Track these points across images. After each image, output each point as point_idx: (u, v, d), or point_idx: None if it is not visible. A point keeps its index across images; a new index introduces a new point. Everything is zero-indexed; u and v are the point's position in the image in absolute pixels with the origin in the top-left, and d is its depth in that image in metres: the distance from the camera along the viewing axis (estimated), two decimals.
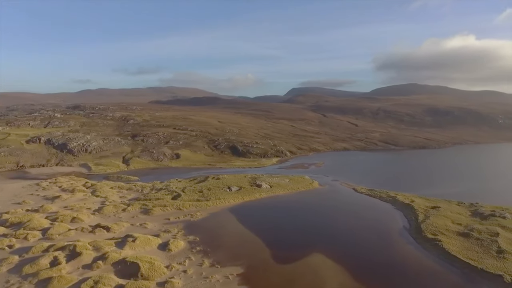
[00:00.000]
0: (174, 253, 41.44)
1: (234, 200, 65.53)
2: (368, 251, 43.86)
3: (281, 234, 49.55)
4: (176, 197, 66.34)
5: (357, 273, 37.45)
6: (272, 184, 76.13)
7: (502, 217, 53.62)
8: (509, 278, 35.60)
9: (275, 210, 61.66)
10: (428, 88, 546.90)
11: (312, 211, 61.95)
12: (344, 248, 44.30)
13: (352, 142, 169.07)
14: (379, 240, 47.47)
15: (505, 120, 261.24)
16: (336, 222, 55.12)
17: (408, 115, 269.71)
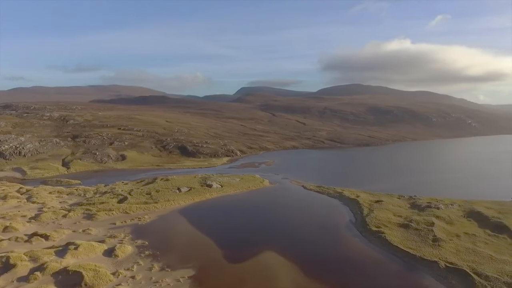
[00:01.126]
0: (121, 259, 39.51)
1: (184, 201, 64.13)
2: (317, 246, 45.14)
3: (233, 233, 49.37)
4: (122, 200, 63.42)
5: (308, 268, 38.32)
6: (223, 184, 75.66)
7: (437, 208, 58.00)
8: (443, 264, 38.50)
9: (226, 210, 61.32)
10: (371, 88, 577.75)
11: (263, 209, 62.47)
12: (295, 245, 45.17)
13: (300, 141, 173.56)
14: (327, 235, 49.08)
15: (438, 119, 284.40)
16: (286, 219, 56.03)
17: (352, 114, 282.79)
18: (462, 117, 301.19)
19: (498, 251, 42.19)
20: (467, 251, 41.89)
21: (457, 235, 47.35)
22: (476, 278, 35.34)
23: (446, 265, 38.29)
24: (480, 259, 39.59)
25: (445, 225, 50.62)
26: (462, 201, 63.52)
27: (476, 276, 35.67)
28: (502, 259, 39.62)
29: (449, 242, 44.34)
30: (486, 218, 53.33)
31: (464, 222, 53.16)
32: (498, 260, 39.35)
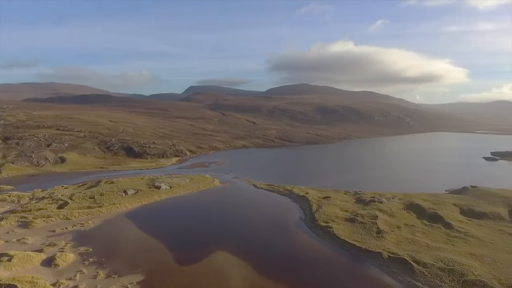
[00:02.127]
0: (62, 268, 36.86)
1: (131, 204, 61.52)
2: (269, 243, 45.60)
3: (184, 235, 48.28)
4: (62, 205, 59.26)
5: (259, 265, 38.60)
6: (172, 185, 73.75)
7: (380, 202, 61.30)
8: (387, 254, 40.75)
9: (176, 211, 59.81)
10: (318, 88, 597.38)
11: (214, 209, 61.83)
12: (247, 243, 45.23)
13: (251, 140, 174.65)
14: (278, 232, 49.75)
15: (380, 117, 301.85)
16: (238, 219, 55.96)
17: (301, 113, 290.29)
18: (401, 116, 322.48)
19: (433, 240, 45.56)
20: (407, 241, 44.73)
21: (398, 226, 50.37)
22: (415, 265, 37.84)
23: (389, 255, 40.56)
24: (418, 248, 42.47)
25: (387, 218, 53.62)
26: (402, 194, 67.77)
27: (415, 263, 38.20)
28: (437, 247, 42.86)
29: (391, 234, 47.03)
30: (423, 209, 57.41)
31: (404, 214, 56.74)
32: (433, 248, 42.50)
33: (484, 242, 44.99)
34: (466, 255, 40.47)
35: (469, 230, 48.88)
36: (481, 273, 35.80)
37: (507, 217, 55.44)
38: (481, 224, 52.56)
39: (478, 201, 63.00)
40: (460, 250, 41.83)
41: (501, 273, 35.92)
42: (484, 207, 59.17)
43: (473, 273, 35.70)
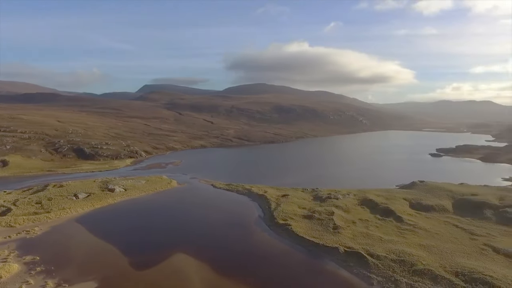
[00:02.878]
0: (6, 280, 34.12)
1: (83, 209, 58.40)
2: (228, 243, 45.33)
3: (140, 238, 46.60)
4: (5, 212, 54.93)
5: (218, 266, 38.23)
6: (127, 187, 71.05)
7: (336, 198, 63.16)
8: (343, 249, 42.03)
9: (132, 214, 57.61)
10: (274, 88, 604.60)
11: (172, 210, 60.43)
12: (206, 244, 44.61)
13: (208, 139, 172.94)
14: (237, 232, 49.62)
15: (335, 116, 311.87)
16: (196, 219, 55.05)
17: (258, 112, 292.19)
18: (355, 115, 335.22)
19: (386, 233, 47.71)
20: (362, 235, 46.45)
21: (353, 221, 52.17)
22: (369, 258, 39.38)
23: (345, 249, 41.85)
24: (372, 241, 44.24)
25: (343, 214, 55.34)
26: (357, 190, 70.33)
27: (370, 256, 39.76)
28: (389, 239, 44.95)
29: (347, 229, 48.60)
30: (376, 204, 59.94)
31: (359, 209, 58.90)
32: (386, 241, 44.51)
33: (431, 233, 47.84)
34: (416, 246, 42.78)
35: (417, 222, 51.75)
36: (428, 262, 37.99)
37: (451, 209, 59.44)
38: (428, 216, 55.89)
39: (426, 195, 66.93)
40: (410, 242, 44.13)
41: (446, 262, 38.36)
42: (431, 200, 62.99)
43: (422, 263, 37.82)
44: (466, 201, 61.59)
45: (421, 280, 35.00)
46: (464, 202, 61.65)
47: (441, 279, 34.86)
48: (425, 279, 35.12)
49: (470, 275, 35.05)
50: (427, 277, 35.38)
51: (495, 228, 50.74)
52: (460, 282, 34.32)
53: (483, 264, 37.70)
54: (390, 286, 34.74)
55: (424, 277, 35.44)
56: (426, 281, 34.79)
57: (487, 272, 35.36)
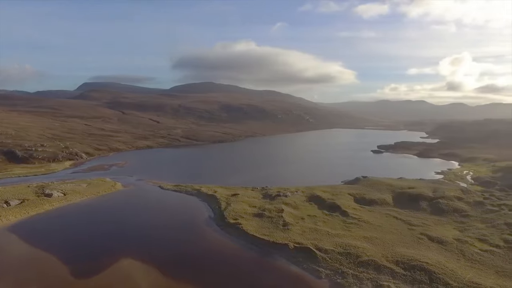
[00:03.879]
0: None
1: (16, 216, 53.46)
2: (177, 245, 44.16)
3: (82, 245, 43.72)
4: None
5: (168, 269, 37.07)
6: (67, 192, 66.41)
7: (285, 196, 64.25)
8: (292, 245, 42.83)
9: (72, 220, 53.90)
10: (222, 87, 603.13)
11: (117, 214, 57.57)
12: (154, 247, 43.03)
13: (155, 139, 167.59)
14: (187, 233, 48.52)
15: (283, 115, 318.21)
16: (143, 222, 52.95)
17: (206, 111, 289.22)
18: (301, 114, 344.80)
19: (333, 227, 49.47)
20: (310, 231, 47.70)
21: (302, 218, 53.42)
22: (318, 253, 40.54)
23: (294, 245, 42.68)
24: (320, 236, 45.62)
25: (292, 210, 56.44)
26: (305, 187, 72.15)
27: (318, 251, 40.94)
28: (336, 233, 46.65)
29: (296, 225, 49.63)
30: (323, 200, 61.96)
31: (307, 206, 60.48)
32: (333, 235, 46.14)
33: (374, 225, 50.45)
34: (360, 238, 44.83)
35: (361, 216, 54.30)
36: (372, 253, 39.98)
37: (391, 202, 63.24)
38: (371, 210, 58.91)
39: (369, 189, 70.51)
40: (355, 235, 46.15)
41: (388, 252, 40.67)
42: (373, 194, 66.49)
43: (366, 254, 39.71)
44: (404, 194, 65.92)
45: (366, 271, 36.73)
46: (402, 195, 65.92)
47: (384, 269, 36.88)
48: (370, 270, 36.91)
49: (409, 263, 37.49)
50: (371, 268, 37.22)
51: (429, 218, 54.84)
52: (400, 270, 36.56)
53: (420, 252, 40.49)
54: (337, 278, 36.03)
55: (368, 268, 37.23)
56: (370, 271, 36.58)
57: (424, 259, 38.03)
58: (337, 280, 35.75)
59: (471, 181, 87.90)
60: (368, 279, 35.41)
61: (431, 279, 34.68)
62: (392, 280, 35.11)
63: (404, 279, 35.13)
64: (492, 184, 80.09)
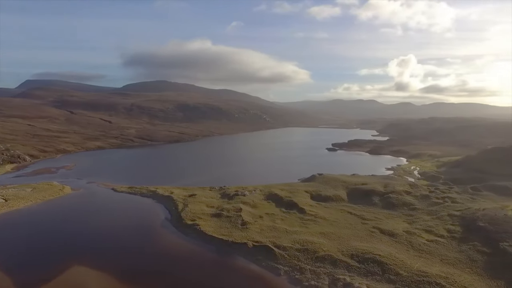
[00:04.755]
0: None
1: None
2: (133, 249, 42.51)
3: (29, 253, 40.59)
4: None
5: (123, 274, 35.63)
6: (8, 197, 61.53)
7: (243, 195, 64.19)
8: (251, 244, 42.86)
9: (16, 228, 49.87)
10: (178, 86, 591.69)
11: (66, 220, 54.17)
12: (108, 253, 41.11)
13: (107, 140, 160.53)
14: (143, 236, 46.89)
15: (239, 115, 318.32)
16: (95, 227, 50.37)
17: (161, 111, 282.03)
18: (258, 113, 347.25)
19: (291, 225, 50.19)
20: (269, 229, 48.03)
21: (260, 216, 53.65)
22: (276, 250, 40.90)
23: (253, 244, 42.75)
24: (278, 234, 46.08)
25: (250, 209, 56.52)
26: (263, 186, 72.59)
27: (276, 248, 41.30)
28: (294, 230, 47.38)
29: (255, 224, 49.75)
30: (281, 198, 62.70)
31: (265, 204, 60.88)
32: (291, 232, 46.81)
33: (329, 221, 51.90)
34: (317, 234, 45.89)
35: (318, 212, 55.65)
36: (328, 248, 41.08)
37: (346, 198, 65.46)
38: (327, 206, 60.57)
39: (324, 186, 72.45)
40: (312, 231, 47.16)
41: (343, 246, 41.99)
42: (329, 191, 68.42)
43: (323, 249, 40.72)
44: (358, 190, 68.53)
45: (323, 266, 37.65)
46: (356, 191, 68.48)
47: (340, 262, 38.03)
48: (326, 264, 37.89)
49: (363, 256, 38.95)
50: (328, 262, 38.22)
51: (381, 212, 57.43)
52: (355, 263, 37.89)
53: (372, 245, 42.21)
54: (296, 274, 36.59)
55: (325, 262, 38.19)
56: (327, 266, 37.56)
57: (376, 251, 39.70)
58: (295, 276, 36.30)
59: (418, 176, 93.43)
60: (325, 273, 36.31)
61: (383, 270, 36.28)
62: (348, 273, 36.28)
63: (358, 272, 36.44)
64: (436, 178, 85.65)
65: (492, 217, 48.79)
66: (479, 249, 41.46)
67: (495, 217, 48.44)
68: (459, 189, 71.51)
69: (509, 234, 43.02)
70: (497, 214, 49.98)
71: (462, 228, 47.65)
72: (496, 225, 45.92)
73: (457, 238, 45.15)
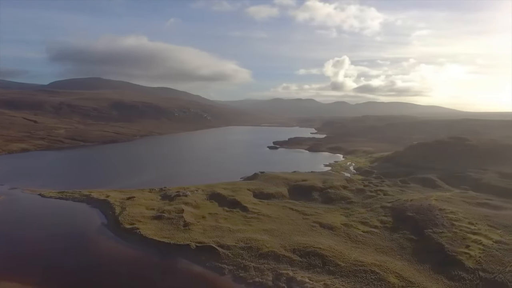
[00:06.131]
0: None
1: None
2: (66, 259, 39.38)
3: None
4: None
5: (56, 287, 32.78)
6: None
7: (185, 195, 62.71)
8: (194, 245, 42.02)
9: None
10: (112, 83, 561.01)
11: None
12: (38, 264, 37.57)
13: (32, 142, 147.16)
14: (77, 244, 43.68)
15: (180, 113, 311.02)
16: (22, 238, 45.80)
17: (95, 109, 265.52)
18: (199, 112, 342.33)
19: (234, 223, 50.09)
20: (212, 229, 47.47)
21: (203, 216, 52.83)
22: (220, 250, 40.53)
23: (196, 245, 41.94)
24: (222, 233, 45.71)
25: (193, 210, 55.39)
26: (205, 186, 71.58)
27: (220, 248, 40.93)
28: (237, 229, 47.36)
29: (197, 224, 48.85)
30: (224, 197, 62.33)
31: (208, 204, 60.08)
32: (234, 230, 46.72)
33: (272, 218, 52.73)
34: (260, 231, 46.32)
35: (261, 210, 56.24)
36: (272, 245, 41.67)
37: (287, 195, 67.03)
38: (269, 203, 61.50)
39: (266, 184, 73.44)
40: (255, 229, 47.51)
41: (286, 242, 42.86)
42: (271, 188, 69.53)
43: (266, 246, 41.21)
44: (299, 187, 70.53)
45: (266, 262, 38.09)
46: (297, 187, 70.42)
47: (283, 258, 38.77)
48: (270, 260, 38.39)
49: (304, 250, 40.11)
50: (271, 258, 38.75)
51: (321, 207, 59.71)
52: (297, 257, 38.89)
53: (313, 239, 43.68)
54: (240, 272, 36.57)
55: (268, 259, 38.68)
56: (271, 262, 38.08)
57: (317, 245, 41.13)
58: (240, 274, 36.27)
59: (354, 171, 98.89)
60: (268, 269, 36.76)
61: (324, 262, 37.68)
62: (291, 267, 37.09)
63: (301, 266, 37.43)
64: (370, 173, 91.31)
65: (419, 207, 53.16)
66: (408, 237, 44.88)
67: (421, 207, 52.83)
68: (390, 182, 76.95)
69: (433, 222, 47.19)
70: (422, 204, 54.59)
71: (393, 219, 51.22)
72: (422, 214, 50.10)
73: (389, 228, 48.42)
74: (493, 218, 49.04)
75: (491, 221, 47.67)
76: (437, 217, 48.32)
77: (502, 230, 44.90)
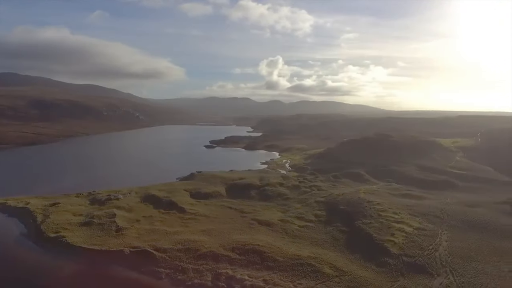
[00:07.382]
0: None
1: None
2: None
3: None
4: None
5: None
6: None
7: (117, 199, 59.30)
8: (128, 250, 39.88)
9: None
10: (31, 79, 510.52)
11: None
12: None
13: None
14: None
15: (109, 112, 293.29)
16: None
17: (10, 108, 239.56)
18: (130, 110, 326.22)
19: (171, 225, 48.54)
20: (147, 232, 45.50)
21: (137, 220, 50.41)
22: (156, 253, 39.00)
23: (130, 250, 39.86)
24: (158, 236, 44.02)
25: (126, 214, 52.56)
26: (138, 188, 68.40)
27: (156, 251, 39.39)
28: (174, 231, 45.99)
29: (131, 229, 46.46)
30: (159, 199, 60.12)
31: (142, 206, 57.46)
32: (171, 233, 45.30)
33: (210, 218, 52.14)
34: (198, 232, 45.49)
35: (198, 210, 55.29)
36: (210, 245, 41.13)
37: (225, 194, 66.80)
38: (207, 203, 60.69)
39: (204, 183, 72.45)
40: (193, 230, 46.54)
41: (225, 241, 42.61)
42: (208, 188, 68.71)
43: (205, 246, 40.58)
44: (236, 185, 70.71)
45: (205, 263, 37.50)
46: (234, 186, 70.52)
47: (222, 257, 38.47)
48: (209, 261, 37.86)
49: (243, 248, 40.24)
50: (210, 258, 38.25)
51: (258, 204, 60.45)
52: (237, 255, 38.88)
53: (252, 236, 44.04)
54: (178, 275, 35.56)
55: (207, 259, 38.12)
56: (210, 262, 37.57)
57: (256, 242, 41.53)
58: (178, 277, 35.26)
59: (289, 168, 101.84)
60: (207, 270, 36.22)
61: (263, 258, 38.14)
62: (230, 266, 36.92)
63: (240, 263, 37.46)
64: (304, 170, 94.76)
65: (349, 200, 56.43)
66: (340, 229, 47.35)
67: (351, 200, 56.12)
68: (323, 178, 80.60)
69: (362, 213, 50.40)
70: (352, 197, 58.05)
71: (327, 212, 53.68)
72: (352, 207, 53.25)
73: (323, 221, 50.63)
74: (414, 207, 53.86)
75: (412, 210, 52.27)
76: (366, 209, 51.69)
77: (421, 218, 49.49)
